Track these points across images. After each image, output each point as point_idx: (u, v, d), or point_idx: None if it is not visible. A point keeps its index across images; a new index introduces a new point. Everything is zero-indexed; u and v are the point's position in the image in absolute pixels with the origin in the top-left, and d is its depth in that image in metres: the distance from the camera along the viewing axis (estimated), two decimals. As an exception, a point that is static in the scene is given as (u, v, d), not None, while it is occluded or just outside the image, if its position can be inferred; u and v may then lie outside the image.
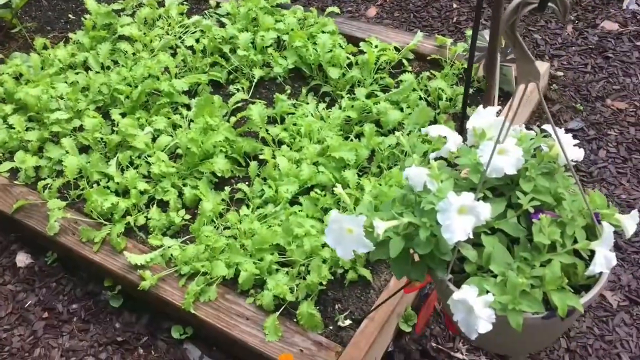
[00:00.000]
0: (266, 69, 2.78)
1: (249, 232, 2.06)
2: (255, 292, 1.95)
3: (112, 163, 2.38)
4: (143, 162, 2.37)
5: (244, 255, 2.00)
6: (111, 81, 2.67)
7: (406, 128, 2.37)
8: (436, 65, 2.72)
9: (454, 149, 1.35)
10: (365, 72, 2.64)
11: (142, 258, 2.04)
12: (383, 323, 1.81)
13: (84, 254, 2.13)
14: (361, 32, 2.92)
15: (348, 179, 2.18)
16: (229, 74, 2.81)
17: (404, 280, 1.91)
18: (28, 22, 3.37)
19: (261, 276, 1.95)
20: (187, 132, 2.30)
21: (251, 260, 1.98)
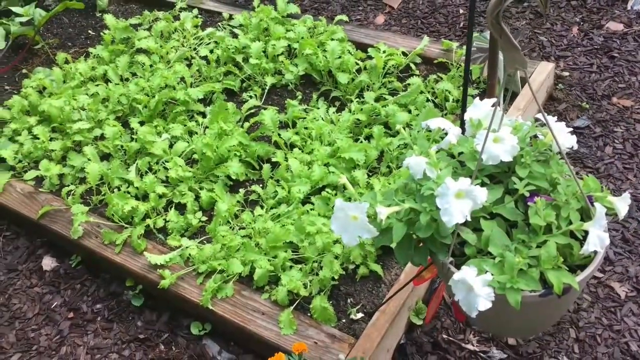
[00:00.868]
0: (278, 77, 2.88)
1: (263, 231, 2.14)
2: (270, 288, 2.03)
3: (131, 169, 2.48)
4: (161, 168, 2.47)
5: (259, 253, 2.07)
6: (130, 92, 2.78)
7: (414, 129, 2.43)
8: (443, 68, 2.80)
9: (454, 140, 1.42)
10: (373, 77, 2.72)
11: (162, 258, 2.12)
12: (394, 315, 1.87)
13: (107, 255, 2.22)
14: (369, 38, 3.00)
15: (358, 179, 2.25)
16: (242, 82, 2.90)
17: (414, 273, 1.98)
18: (50, 38, 3.51)
19: (275, 273, 2.03)
20: (203, 138, 2.39)
21: (266, 258, 2.05)
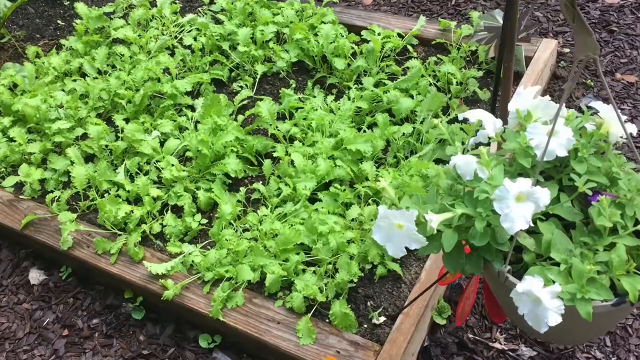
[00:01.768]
0: (268, 64, 2.72)
1: (270, 232, 2.01)
2: (284, 294, 1.90)
3: (120, 171, 2.31)
4: (152, 168, 2.30)
5: (269, 257, 1.94)
6: (110, 86, 2.59)
7: (419, 115, 2.31)
8: (441, 49, 2.67)
9: (493, 133, 1.31)
10: (370, 61, 2.58)
11: (163, 267, 1.98)
12: (419, 318, 1.76)
13: (101, 266, 2.06)
14: (361, 20, 2.86)
15: (366, 172, 2.13)
16: (231, 72, 2.74)
17: (436, 272, 1.87)
18: (16, 30, 3.27)
19: (288, 277, 1.90)
20: (197, 134, 2.23)
21: (276, 262, 1.92)
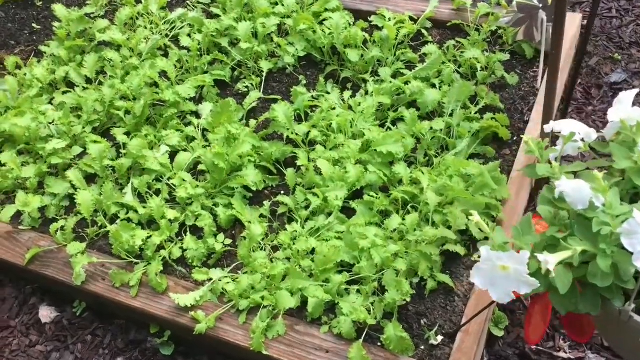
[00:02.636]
0: (273, 60, 2.52)
1: (304, 251, 1.85)
2: (328, 318, 1.75)
3: (127, 191, 2.12)
4: (164, 186, 2.11)
5: (307, 279, 1.78)
6: (105, 96, 2.37)
7: (447, 107, 2.16)
8: (457, 31, 2.50)
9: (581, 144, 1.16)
10: (385, 50, 2.41)
11: (191, 298, 1.81)
12: (479, 334, 1.63)
13: (121, 300, 1.88)
14: (367, 4, 2.67)
15: (400, 174, 1.97)
16: (233, 71, 2.53)
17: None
18: (-13, 38, 3.01)
19: (330, 299, 1.75)
20: (212, 148, 2.04)
21: (316, 284, 1.76)
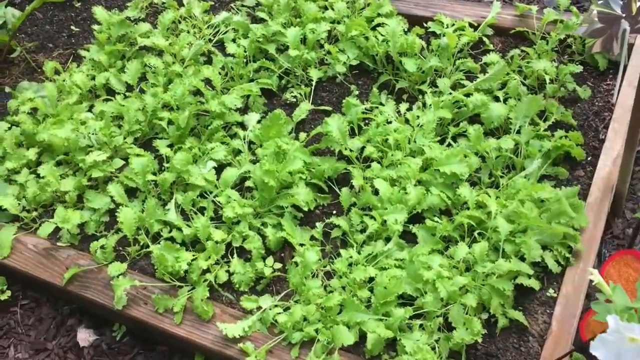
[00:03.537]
0: (322, 68, 2.38)
1: (361, 280, 1.71)
2: (389, 355, 1.61)
3: (170, 207, 2.00)
4: (209, 203, 1.99)
5: (366, 311, 1.64)
6: (147, 106, 2.26)
7: (514, 123, 2.00)
8: (521, 39, 2.34)
9: None
10: (444, 59, 2.25)
11: (239, 328, 1.68)
12: (559, 381, 1.48)
13: (165, 327, 1.77)
14: (421, 9, 2.51)
15: (465, 197, 1.82)
16: (280, 79, 2.40)
17: (569, 320, 1.58)
18: (25, 40, 2.92)
19: (392, 335, 1.60)
20: (262, 164, 1.91)
21: (376, 317, 1.62)
